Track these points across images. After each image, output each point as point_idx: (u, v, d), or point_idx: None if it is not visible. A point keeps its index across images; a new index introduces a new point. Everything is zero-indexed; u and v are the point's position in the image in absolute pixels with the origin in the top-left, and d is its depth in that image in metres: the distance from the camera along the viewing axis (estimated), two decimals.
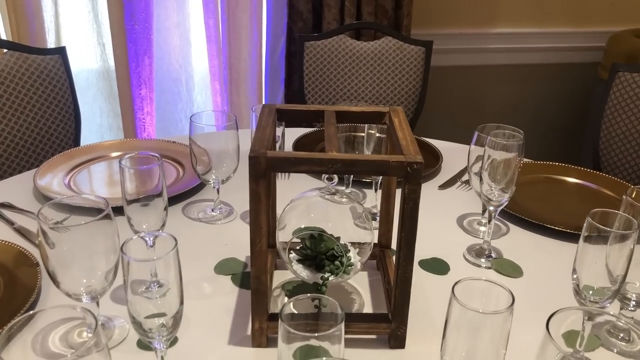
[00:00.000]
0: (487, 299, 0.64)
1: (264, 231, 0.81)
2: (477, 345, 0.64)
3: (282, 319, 0.61)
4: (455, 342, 0.65)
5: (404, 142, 0.82)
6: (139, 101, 2.40)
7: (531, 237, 1.20)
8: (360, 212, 0.94)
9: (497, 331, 0.62)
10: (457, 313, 0.63)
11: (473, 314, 0.61)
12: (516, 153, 1.04)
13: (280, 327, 0.61)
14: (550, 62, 2.73)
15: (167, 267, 0.70)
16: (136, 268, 0.70)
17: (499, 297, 0.63)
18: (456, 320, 0.63)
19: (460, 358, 0.65)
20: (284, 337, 0.61)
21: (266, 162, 0.77)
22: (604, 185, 1.37)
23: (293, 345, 0.61)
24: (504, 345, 0.63)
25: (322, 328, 0.62)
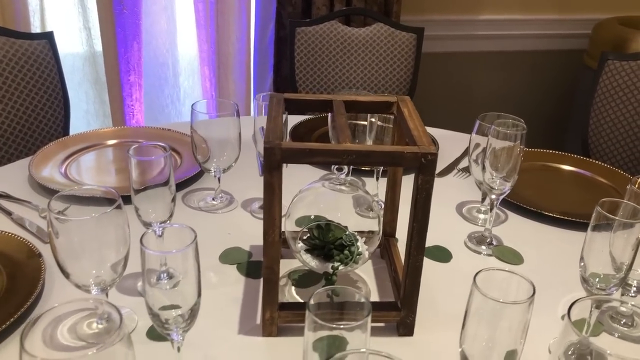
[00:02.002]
0: (507, 289, 0.65)
1: (278, 222, 0.81)
2: (496, 335, 0.65)
3: (310, 310, 0.61)
4: (475, 331, 0.66)
5: (416, 133, 0.82)
6: (128, 87, 2.37)
7: (529, 225, 1.22)
8: (370, 201, 0.94)
9: (517, 321, 0.63)
10: (478, 302, 0.64)
11: (494, 304, 0.62)
12: (519, 142, 1.05)
13: (307, 317, 0.61)
14: (536, 49, 2.75)
15: (185, 259, 0.69)
16: (155, 261, 0.69)
17: (519, 288, 0.64)
18: (477, 309, 0.64)
19: (479, 347, 0.66)
20: (310, 327, 0.61)
21: (281, 153, 0.76)
22: (598, 173, 1.39)
23: (318, 333, 0.61)
24: (523, 335, 0.64)
25: (346, 318, 0.62)
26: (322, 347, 0.63)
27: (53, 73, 1.76)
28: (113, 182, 1.28)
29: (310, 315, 0.61)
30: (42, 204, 1.19)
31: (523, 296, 0.63)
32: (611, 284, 0.82)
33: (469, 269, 1.09)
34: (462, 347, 0.68)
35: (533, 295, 0.62)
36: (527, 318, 0.63)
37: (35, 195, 1.23)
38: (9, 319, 0.86)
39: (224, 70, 2.41)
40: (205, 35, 2.38)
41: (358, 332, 0.61)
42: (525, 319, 0.63)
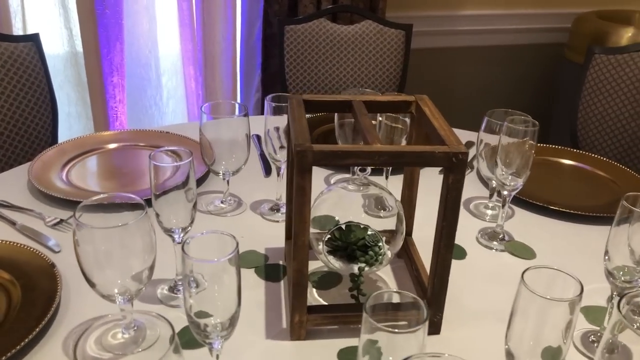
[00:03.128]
0: (552, 287, 0.65)
1: (308, 225, 0.80)
2: (542, 333, 0.66)
3: (367, 311, 0.61)
4: (521, 329, 0.66)
5: (442, 132, 0.83)
6: (111, 89, 2.32)
7: (537, 219, 1.24)
8: (394, 202, 0.94)
9: (564, 319, 0.64)
10: (525, 300, 0.64)
11: (541, 301, 0.63)
12: (530, 138, 1.06)
13: (364, 321, 0.61)
14: (518, 44, 2.79)
15: (227, 267, 0.68)
16: (197, 269, 0.68)
17: (565, 285, 0.65)
18: (524, 307, 0.65)
19: (525, 345, 0.66)
20: (366, 329, 0.61)
21: (313, 156, 0.76)
22: (598, 167, 1.42)
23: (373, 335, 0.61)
24: (569, 334, 0.65)
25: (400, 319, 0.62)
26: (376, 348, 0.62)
27: (40, 76, 1.71)
28: (117, 188, 1.25)
29: (367, 318, 0.60)
30: (45, 211, 1.16)
31: (569, 294, 0.64)
32: (636, 277, 0.84)
33: (484, 264, 1.12)
34: (507, 345, 0.68)
35: (581, 293, 0.63)
36: (574, 316, 0.64)
37: (37, 203, 1.20)
38: (31, 333, 0.84)
39: (210, 69, 2.38)
40: (189, 34, 2.34)
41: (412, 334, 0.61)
42: (571, 317, 0.64)
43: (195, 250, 0.68)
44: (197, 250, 0.69)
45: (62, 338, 0.87)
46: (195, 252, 0.68)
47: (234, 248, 0.68)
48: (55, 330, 0.88)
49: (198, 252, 0.69)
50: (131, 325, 0.85)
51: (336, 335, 0.89)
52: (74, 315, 0.91)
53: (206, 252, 0.69)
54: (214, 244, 0.71)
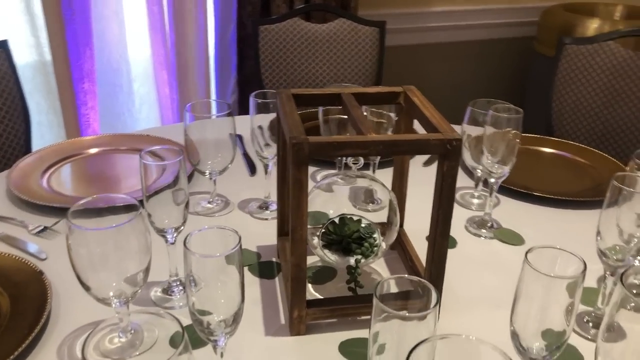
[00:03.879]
0: (554, 268, 0.66)
1: (305, 219, 0.80)
2: (547, 313, 0.66)
3: (377, 297, 0.60)
4: (526, 309, 0.67)
5: (434, 120, 0.83)
6: (82, 95, 2.28)
7: (522, 206, 1.25)
8: (385, 194, 0.94)
9: (568, 297, 0.64)
10: (528, 280, 0.65)
11: (545, 281, 0.64)
12: (515, 125, 1.08)
13: (375, 307, 0.60)
14: (488, 38, 2.83)
15: (230, 262, 0.67)
16: (200, 265, 0.67)
17: (568, 265, 0.66)
18: (527, 287, 0.66)
19: (531, 326, 0.67)
20: (377, 316, 0.60)
21: (309, 148, 0.75)
22: (577, 154, 1.45)
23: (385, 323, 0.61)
24: (574, 311, 0.65)
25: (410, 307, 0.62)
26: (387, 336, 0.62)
27: (11, 84, 1.67)
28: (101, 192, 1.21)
29: (378, 304, 0.60)
30: (27, 219, 1.13)
31: (571, 272, 0.65)
32: (628, 256, 0.86)
33: (475, 252, 1.13)
34: (512, 327, 0.69)
35: (584, 270, 0.64)
36: (580, 294, 0.65)
37: (18, 211, 1.17)
38: (24, 342, 0.81)
39: (183, 73, 2.35)
40: (161, 38, 2.31)
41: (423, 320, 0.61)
42: (575, 295, 0.65)
43: (196, 245, 0.67)
44: (199, 246, 0.68)
45: (56, 345, 0.85)
46: (196, 248, 0.67)
47: (237, 242, 0.67)
48: (47, 338, 0.86)
49: (199, 247, 0.68)
50: (128, 329, 0.83)
51: (335, 328, 0.89)
52: (65, 322, 0.89)
53: (208, 248, 0.68)
54: (215, 239, 0.70)
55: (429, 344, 0.54)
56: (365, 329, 0.88)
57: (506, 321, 0.71)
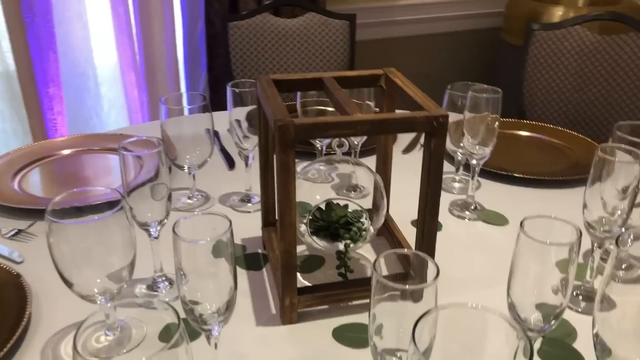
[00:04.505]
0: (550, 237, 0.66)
1: (293, 203, 0.78)
2: (544, 281, 0.66)
3: (376, 270, 0.59)
4: (523, 280, 0.66)
5: (419, 99, 0.82)
6: (48, 101, 2.22)
7: (503, 188, 1.26)
8: (369, 180, 0.93)
9: (564, 265, 0.64)
10: (525, 249, 0.65)
11: (540, 249, 0.63)
12: (493, 106, 1.08)
13: (375, 282, 0.59)
14: (456, 30, 2.86)
15: (221, 247, 0.65)
16: (191, 251, 0.65)
17: (562, 234, 0.66)
18: (523, 256, 0.65)
19: (529, 297, 0.67)
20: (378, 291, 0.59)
21: (295, 130, 0.74)
22: (552, 135, 1.47)
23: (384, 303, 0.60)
24: (570, 281, 0.65)
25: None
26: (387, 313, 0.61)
27: None
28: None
29: (378, 277, 0.59)
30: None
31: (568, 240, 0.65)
32: (615, 227, 0.86)
33: (460, 234, 1.13)
34: (510, 299, 0.68)
35: (580, 237, 0.64)
36: (573, 260, 0.64)
37: None
38: (5, 346, 0.78)
39: (152, 74, 2.31)
40: (128, 40, 2.27)
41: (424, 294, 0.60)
42: (570, 262, 0.65)
43: (185, 232, 0.65)
44: (188, 233, 0.66)
45: (40, 348, 0.81)
46: (185, 235, 0.65)
47: (227, 227, 0.65)
48: (30, 341, 0.83)
49: (188, 234, 0.65)
50: (114, 326, 0.80)
51: (327, 315, 0.87)
52: (48, 324, 0.86)
53: (197, 234, 0.66)
54: (204, 226, 0.68)
55: (433, 315, 0.53)
56: (358, 314, 0.88)
57: (499, 299, 0.71)
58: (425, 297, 0.60)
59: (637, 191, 0.84)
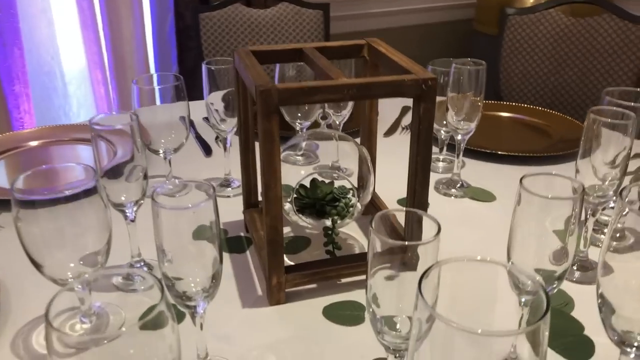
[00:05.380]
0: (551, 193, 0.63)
1: (279, 175, 0.74)
2: (546, 240, 0.63)
3: (374, 227, 0.55)
4: (524, 240, 0.64)
5: (404, 64, 0.79)
6: (13, 99, 2.13)
7: (487, 167, 1.24)
8: (361, 151, 0.90)
9: (565, 221, 0.61)
10: (525, 206, 0.62)
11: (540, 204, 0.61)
12: (478, 78, 1.06)
13: (372, 239, 0.55)
14: (430, 22, 2.85)
15: (205, 216, 0.61)
16: (173, 222, 0.60)
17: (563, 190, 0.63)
18: (524, 214, 0.62)
19: (530, 258, 0.64)
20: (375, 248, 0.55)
21: (278, 95, 0.70)
22: (532, 115, 1.45)
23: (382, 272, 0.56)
24: (572, 235, 0.62)
25: None
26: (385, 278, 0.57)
27: None
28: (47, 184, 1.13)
29: (374, 233, 0.55)
30: None
31: None
32: (608, 193, 0.84)
33: (449, 211, 1.10)
34: (511, 261, 0.65)
35: (583, 191, 0.61)
36: (577, 217, 0.62)
37: None
38: None
39: (121, 71, 2.25)
40: (93, 36, 2.20)
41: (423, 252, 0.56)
42: (572, 217, 0.62)
43: (165, 201, 0.61)
44: (168, 202, 0.61)
45: (10, 340, 0.76)
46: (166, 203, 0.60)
47: (211, 193, 0.61)
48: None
49: (168, 203, 0.61)
50: (90, 312, 0.75)
51: (316, 294, 0.83)
52: (17, 316, 0.80)
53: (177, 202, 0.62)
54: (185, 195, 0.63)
55: (436, 270, 0.49)
56: (347, 292, 0.84)
57: (493, 273, 0.68)
58: (423, 259, 0.56)
59: (630, 152, 0.82)
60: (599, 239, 0.96)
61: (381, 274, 0.58)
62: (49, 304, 0.48)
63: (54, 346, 0.48)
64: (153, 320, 0.51)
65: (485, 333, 0.41)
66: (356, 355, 0.72)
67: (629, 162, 0.83)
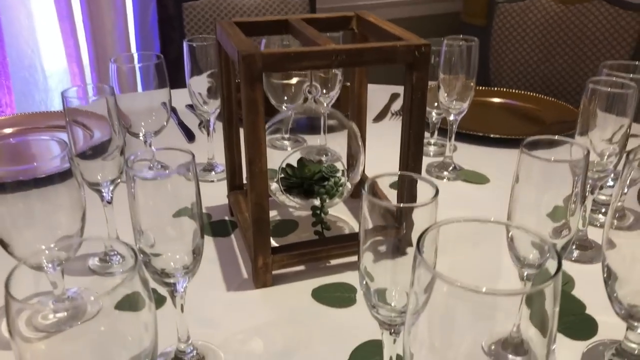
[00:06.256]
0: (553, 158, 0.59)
1: (264, 148, 0.70)
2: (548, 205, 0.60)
3: (366, 191, 0.51)
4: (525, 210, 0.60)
5: (397, 32, 0.75)
6: None
7: (480, 150, 1.20)
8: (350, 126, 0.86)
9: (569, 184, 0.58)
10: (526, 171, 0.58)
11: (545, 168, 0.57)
12: (471, 55, 1.02)
13: (365, 201, 0.51)
14: (417, 15, 2.82)
15: (185, 182, 0.57)
16: (148, 190, 0.56)
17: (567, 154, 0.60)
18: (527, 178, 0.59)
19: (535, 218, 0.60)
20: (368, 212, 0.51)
21: (262, 60, 0.66)
22: (524, 101, 1.42)
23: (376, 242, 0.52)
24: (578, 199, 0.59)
25: None
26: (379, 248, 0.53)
27: None
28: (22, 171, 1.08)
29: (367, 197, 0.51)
30: None
31: None
32: (609, 167, 0.81)
33: (442, 194, 1.05)
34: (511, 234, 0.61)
35: (587, 155, 0.58)
36: (582, 182, 0.58)
37: None
38: None
39: (103, 64, 2.19)
40: (70, 28, 2.14)
41: None
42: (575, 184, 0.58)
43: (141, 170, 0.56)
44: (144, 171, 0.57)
45: None
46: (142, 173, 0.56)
47: (189, 159, 0.57)
48: None
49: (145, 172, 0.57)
50: (63, 297, 0.70)
51: (303, 277, 0.79)
52: None
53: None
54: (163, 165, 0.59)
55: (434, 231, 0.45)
56: (336, 274, 0.80)
57: (489, 255, 0.64)
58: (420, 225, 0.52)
59: (630, 126, 0.79)
60: (597, 219, 0.93)
61: (375, 244, 0.54)
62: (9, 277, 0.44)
63: (16, 325, 0.44)
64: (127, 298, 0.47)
65: (490, 292, 0.37)
66: (348, 336, 0.68)
67: (629, 136, 0.80)
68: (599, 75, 0.87)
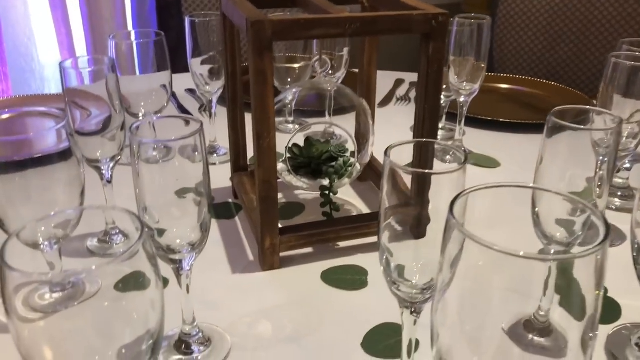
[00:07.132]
0: None
1: (272, 122, 0.67)
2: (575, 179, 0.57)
3: (387, 155, 0.48)
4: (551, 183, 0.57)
5: (412, 2, 0.72)
6: None
7: (489, 135, 1.17)
8: (359, 102, 0.82)
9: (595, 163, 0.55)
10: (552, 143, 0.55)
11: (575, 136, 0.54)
12: (482, 33, 0.99)
13: (386, 169, 0.48)
14: None
15: (191, 152, 0.53)
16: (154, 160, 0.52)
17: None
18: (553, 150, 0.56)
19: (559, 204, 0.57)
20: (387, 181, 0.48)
21: (272, 28, 0.62)
22: (532, 87, 1.39)
23: None
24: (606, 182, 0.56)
25: None
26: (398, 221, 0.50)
27: None
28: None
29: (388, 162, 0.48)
30: None
31: None
32: (630, 146, 0.78)
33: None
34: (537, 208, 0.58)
35: (621, 123, 0.54)
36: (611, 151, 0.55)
37: None
38: None
39: (102, 52, 2.15)
40: (62, 17, 2.10)
41: None
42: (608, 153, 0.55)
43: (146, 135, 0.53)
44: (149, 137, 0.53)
45: None
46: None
47: (197, 128, 0.53)
48: None
49: None
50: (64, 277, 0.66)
51: (312, 259, 0.76)
52: None
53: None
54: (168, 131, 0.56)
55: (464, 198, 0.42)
56: (345, 257, 0.76)
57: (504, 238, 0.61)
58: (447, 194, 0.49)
59: None
60: (612, 202, 0.90)
61: (396, 217, 0.51)
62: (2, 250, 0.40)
63: None
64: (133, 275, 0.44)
65: (527, 255, 0.34)
66: (360, 320, 0.65)
67: None
68: (617, 51, 0.84)
